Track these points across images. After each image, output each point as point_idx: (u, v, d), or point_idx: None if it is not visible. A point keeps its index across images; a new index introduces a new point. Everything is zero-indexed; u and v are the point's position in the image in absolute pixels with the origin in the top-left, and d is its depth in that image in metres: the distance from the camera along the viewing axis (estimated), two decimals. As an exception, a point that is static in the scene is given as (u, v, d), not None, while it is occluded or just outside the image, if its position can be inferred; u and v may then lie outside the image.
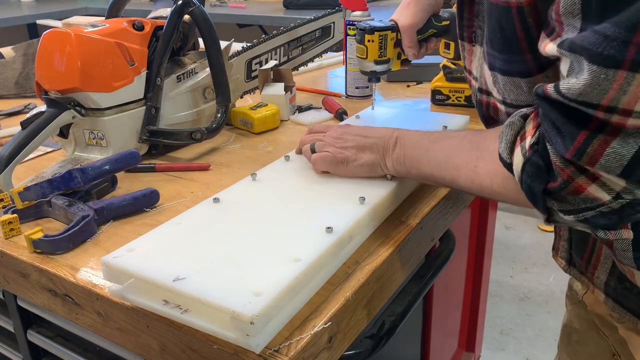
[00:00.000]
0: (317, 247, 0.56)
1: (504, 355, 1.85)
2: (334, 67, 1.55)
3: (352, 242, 0.63)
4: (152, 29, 0.91)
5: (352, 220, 0.62)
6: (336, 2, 1.33)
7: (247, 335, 0.47)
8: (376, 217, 0.68)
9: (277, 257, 0.55)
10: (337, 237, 0.58)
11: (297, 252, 0.55)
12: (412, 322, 1.02)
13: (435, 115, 1.02)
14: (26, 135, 0.81)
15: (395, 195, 0.72)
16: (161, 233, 0.61)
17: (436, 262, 0.84)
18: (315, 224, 0.60)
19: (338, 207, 0.65)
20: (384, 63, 0.96)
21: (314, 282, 0.56)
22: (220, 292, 0.49)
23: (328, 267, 0.59)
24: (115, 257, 0.55)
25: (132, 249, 0.57)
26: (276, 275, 0.51)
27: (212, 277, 0.52)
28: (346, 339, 0.59)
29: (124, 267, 0.54)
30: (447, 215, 0.82)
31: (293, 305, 0.53)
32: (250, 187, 0.72)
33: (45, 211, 0.75)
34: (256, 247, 0.57)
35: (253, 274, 0.52)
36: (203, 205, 0.67)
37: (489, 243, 1.33)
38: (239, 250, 0.57)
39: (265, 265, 0.53)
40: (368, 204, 0.66)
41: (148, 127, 0.91)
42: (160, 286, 0.51)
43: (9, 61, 1.32)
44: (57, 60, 0.83)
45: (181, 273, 0.52)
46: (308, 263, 0.53)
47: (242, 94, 1.14)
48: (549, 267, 2.30)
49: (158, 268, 0.53)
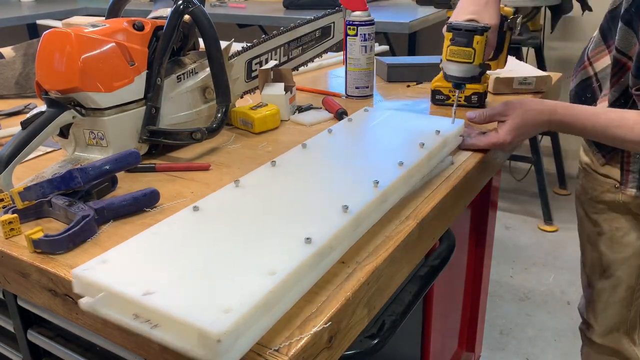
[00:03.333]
0: (294, 258, 0.54)
1: (504, 355, 1.85)
2: (334, 67, 1.55)
3: (332, 253, 0.60)
4: (152, 29, 0.91)
5: (334, 230, 0.59)
6: (336, 2, 1.33)
7: (215, 354, 0.45)
8: (359, 227, 0.65)
9: (252, 270, 0.53)
10: (317, 248, 0.56)
11: (272, 265, 0.53)
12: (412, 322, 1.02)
13: (429, 119, 0.98)
14: (26, 135, 0.81)
15: (380, 203, 0.69)
16: (136, 243, 0.59)
17: (436, 262, 0.84)
18: (294, 234, 0.59)
19: (319, 216, 0.63)
20: (485, 66, 0.91)
21: (290, 296, 0.54)
22: (188, 307, 0.48)
23: (306, 280, 0.56)
24: (86, 270, 0.54)
25: (105, 260, 0.56)
26: (248, 289, 0.50)
27: (182, 291, 0.50)
28: (346, 339, 0.59)
29: (94, 281, 0.52)
30: (447, 215, 0.82)
31: (267, 320, 0.51)
32: (231, 194, 0.70)
33: (45, 211, 0.75)
34: (231, 259, 0.56)
35: (224, 288, 0.50)
36: (182, 214, 0.65)
37: (489, 243, 1.33)
38: (214, 262, 0.55)
39: (238, 279, 0.52)
40: (351, 212, 0.63)
41: (148, 127, 0.91)
42: (129, 300, 0.50)
43: (9, 61, 1.32)
44: (57, 60, 0.83)
45: (152, 287, 0.50)
46: (283, 276, 0.52)
47: (242, 94, 1.14)
48: (549, 267, 2.30)
49: (128, 281, 0.52)
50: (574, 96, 1.09)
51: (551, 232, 2.55)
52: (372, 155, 0.83)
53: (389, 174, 0.73)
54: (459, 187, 0.83)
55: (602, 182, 1.04)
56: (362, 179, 0.72)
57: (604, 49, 1.02)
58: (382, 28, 2.27)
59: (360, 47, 1.19)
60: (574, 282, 2.18)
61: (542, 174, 2.53)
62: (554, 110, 0.89)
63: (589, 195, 1.08)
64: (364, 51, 1.19)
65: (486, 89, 1.14)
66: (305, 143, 0.85)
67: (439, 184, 0.81)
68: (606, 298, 1.10)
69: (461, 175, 0.84)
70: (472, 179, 0.89)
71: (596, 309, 1.13)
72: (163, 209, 0.76)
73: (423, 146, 0.82)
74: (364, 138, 0.92)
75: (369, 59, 1.21)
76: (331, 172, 0.77)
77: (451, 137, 0.88)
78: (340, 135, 0.90)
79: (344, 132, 0.92)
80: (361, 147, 0.88)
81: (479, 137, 0.91)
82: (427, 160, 0.81)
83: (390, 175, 0.73)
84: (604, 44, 1.02)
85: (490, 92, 1.21)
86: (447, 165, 0.87)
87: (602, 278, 1.10)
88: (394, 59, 1.40)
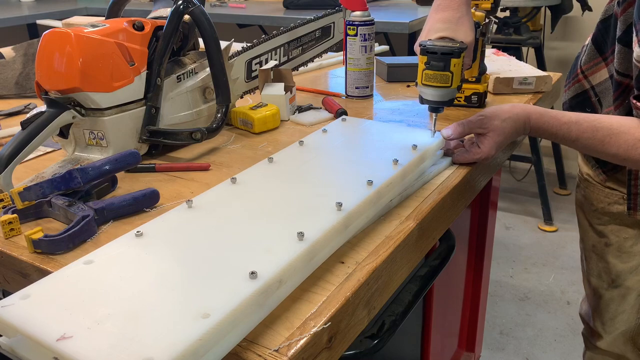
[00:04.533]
0: (232, 299, 0.48)
1: (504, 355, 1.85)
2: (334, 67, 1.55)
3: (282, 287, 0.54)
4: (152, 29, 0.91)
5: (283, 263, 0.54)
6: (336, 2, 1.33)
7: None
8: (315, 258, 0.59)
9: (183, 312, 0.47)
10: (262, 285, 0.50)
11: (207, 306, 0.47)
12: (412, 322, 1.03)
13: (407, 132, 0.90)
14: (26, 135, 0.81)
15: (342, 228, 0.63)
16: (66, 274, 0.54)
17: (436, 262, 0.85)
18: (237, 267, 0.53)
19: (271, 245, 0.57)
20: (459, 87, 0.85)
21: (227, 340, 0.48)
22: (104, 358, 0.42)
23: (248, 321, 0.50)
24: (4, 307, 0.49)
25: (27, 295, 0.51)
26: (172, 337, 0.44)
27: (100, 336, 0.45)
28: (346, 339, 0.59)
29: (9, 321, 0.47)
30: (447, 215, 0.82)
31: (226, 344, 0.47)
32: (183, 216, 0.64)
33: (45, 211, 0.75)
34: (163, 297, 0.50)
35: (148, 335, 0.45)
36: (124, 239, 0.60)
37: (489, 243, 1.33)
38: (145, 300, 0.50)
39: (165, 324, 0.46)
40: (307, 240, 0.57)
41: (148, 127, 0.91)
42: (43, 345, 0.45)
43: (9, 61, 1.32)
44: (57, 60, 0.83)
45: (69, 330, 0.45)
46: (218, 320, 0.46)
47: (242, 94, 1.14)
48: (549, 267, 2.30)
49: (45, 323, 0.46)
50: (568, 109, 1.04)
51: (551, 232, 2.55)
52: (339, 172, 0.76)
53: (357, 194, 0.67)
54: (459, 188, 0.83)
55: (608, 194, 1.01)
56: (324, 201, 0.66)
57: (599, 62, 0.99)
58: (382, 28, 2.27)
59: (360, 47, 1.19)
60: (574, 282, 2.18)
61: (542, 174, 2.53)
62: (528, 117, 0.85)
63: (593, 207, 1.05)
64: (364, 51, 1.19)
65: (486, 89, 1.14)
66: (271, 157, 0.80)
67: (439, 184, 0.81)
68: (615, 307, 1.08)
69: (461, 175, 0.84)
70: (472, 179, 0.89)
71: (604, 318, 1.11)
72: (163, 209, 0.76)
73: (397, 163, 0.76)
74: (335, 152, 0.84)
75: (369, 59, 1.21)
76: (291, 191, 0.71)
77: (430, 152, 0.83)
78: (312, 148, 0.84)
79: (317, 144, 0.85)
80: (331, 162, 0.80)
81: (462, 155, 0.87)
82: (400, 178, 0.75)
83: (357, 196, 0.67)
84: (600, 56, 0.99)
85: (490, 92, 1.21)
86: (445, 167, 0.86)
87: (611, 288, 1.07)
88: (394, 59, 1.40)
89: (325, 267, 0.61)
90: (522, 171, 2.92)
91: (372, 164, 0.77)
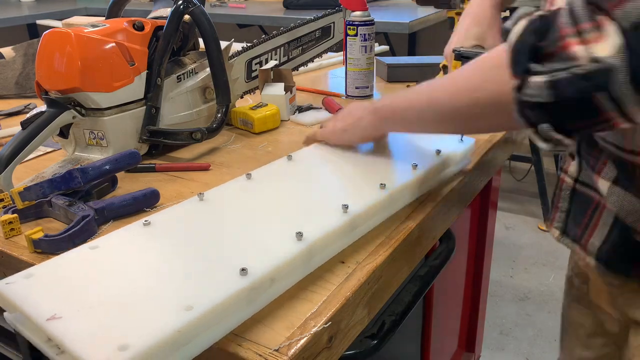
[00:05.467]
0: (218, 294, 0.48)
1: (504, 355, 1.85)
2: (334, 67, 1.55)
3: (274, 286, 0.54)
4: (152, 29, 0.91)
5: (277, 262, 0.54)
6: (336, 2, 1.33)
7: None
8: (313, 258, 0.59)
9: (168, 304, 0.48)
10: (251, 282, 0.51)
11: (193, 298, 0.48)
12: (412, 322, 1.02)
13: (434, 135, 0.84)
14: (26, 135, 0.81)
15: (348, 230, 0.63)
16: (71, 258, 0.56)
17: (436, 262, 0.84)
18: (230, 263, 0.53)
19: (269, 243, 0.57)
20: None
21: (209, 334, 0.48)
22: (85, 340, 0.43)
23: (234, 317, 0.50)
24: (7, 284, 0.50)
25: (30, 274, 0.52)
26: (152, 327, 0.45)
27: (86, 320, 0.46)
28: (346, 339, 0.59)
29: (9, 297, 0.49)
30: (447, 215, 0.82)
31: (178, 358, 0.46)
32: (192, 209, 0.65)
33: (45, 211, 0.75)
34: (153, 288, 0.51)
35: (130, 323, 0.46)
36: (132, 227, 0.61)
37: (489, 243, 1.33)
38: (136, 288, 0.51)
39: (149, 314, 0.47)
40: (305, 241, 0.57)
41: (148, 127, 0.91)
42: (34, 323, 0.46)
43: (9, 61, 1.32)
44: (57, 60, 0.83)
45: (60, 311, 0.46)
46: (200, 313, 0.46)
47: (242, 94, 1.14)
48: (549, 267, 2.30)
49: (39, 302, 0.48)
50: None
51: (551, 232, 2.55)
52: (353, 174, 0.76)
53: (366, 197, 0.67)
54: (459, 188, 0.83)
55: None
56: (331, 202, 0.65)
57: None
58: (382, 28, 2.27)
59: (360, 47, 1.19)
60: (574, 282, 2.18)
61: (542, 174, 2.53)
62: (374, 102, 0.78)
63: None
64: (364, 51, 1.19)
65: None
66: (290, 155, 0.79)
67: (439, 184, 0.81)
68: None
69: (461, 175, 0.84)
70: (472, 180, 0.89)
71: None
72: (163, 209, 0.76)
73: (416, 168, 0.74)
74: (356, 153, 0.82)
75: (369, 59, 1.21)
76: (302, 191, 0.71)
77: (456, 158, 0.81)
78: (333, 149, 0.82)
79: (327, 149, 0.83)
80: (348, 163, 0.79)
81: None
82: (417, 183, 0.74)
83: (367, 199, 0.66)
84: None
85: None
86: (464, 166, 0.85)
87: None
88: (394, 59, 1.41)
89: (325, 267, 0.61)
90: (522, 171, 2.92)
91: (390, 167, 0.77)
